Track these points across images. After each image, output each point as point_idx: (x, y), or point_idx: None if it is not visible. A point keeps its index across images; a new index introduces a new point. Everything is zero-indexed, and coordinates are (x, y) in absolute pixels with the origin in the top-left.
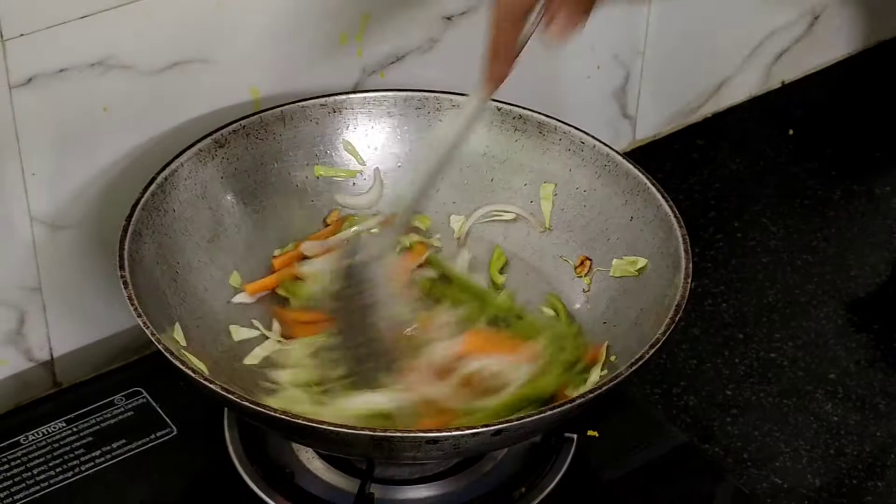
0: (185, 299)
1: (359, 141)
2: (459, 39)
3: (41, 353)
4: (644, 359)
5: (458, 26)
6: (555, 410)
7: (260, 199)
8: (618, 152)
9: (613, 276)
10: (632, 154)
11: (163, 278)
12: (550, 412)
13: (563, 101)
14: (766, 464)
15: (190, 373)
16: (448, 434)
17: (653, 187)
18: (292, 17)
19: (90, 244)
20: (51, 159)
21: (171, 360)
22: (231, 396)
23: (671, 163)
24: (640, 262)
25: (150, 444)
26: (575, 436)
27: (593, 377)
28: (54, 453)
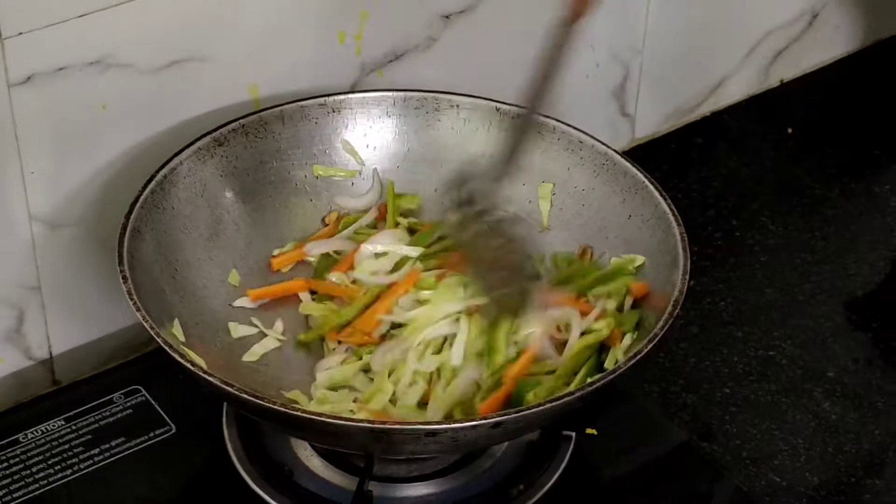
0: (183, 296)
1: (357, 140)
2: (458, 38)
3: (40, 352)
4: (642, 353)
5: (456, 25)
6: (554, 403)
7: (259, 198)
8: (616, 151)
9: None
10: (631, 153)
11: (162, 275)
12: (549, 405)
13: (561, 100)
14: (765, 462)
15: (189, 366)
16: (447, 426)
17: (651, 186)
18: (291, 15)
19: (89, 243)
20: (50, 158)
21: (169, 353)
22: (230, 389)
23: (670, 161)
24: (639, 259)
25: (148, 443)
26: (573, 433)
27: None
28: (53, 451)
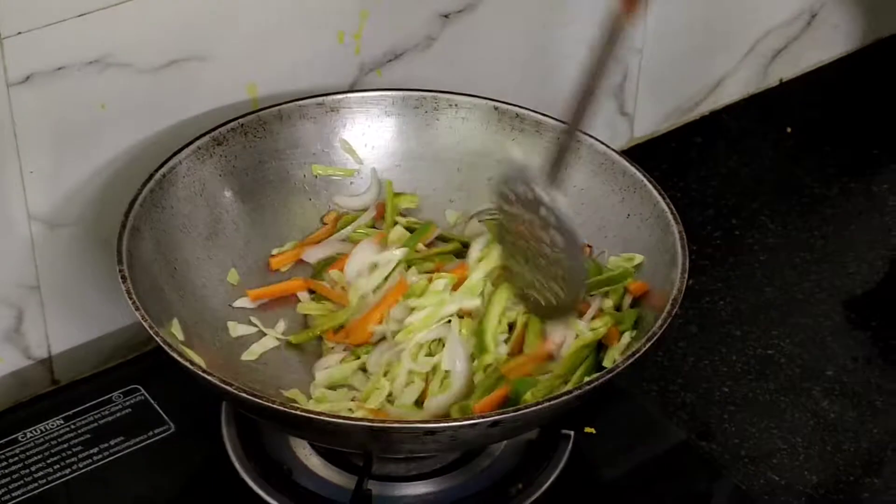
0: (183, 296)
1: (356, 140)
2: (457, 37)
3: (39, 351)
4: (641, 352)
5: (455, 24)
6: (552, 402)
7: (258, 197)
8: (614, 150)
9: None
10: (630, 152)
11: (161, 274)
12: (548, 403)
13: (560, 100)
14: (764, 460)
15: (188, 365)
16: (446, 425)
17: (649, 185)
18: (290, 15)
19: (88, 242)
20: (49, 157)
21: (168, 352)
22: (229, 388)
23: (669, 161)
24: (637, 258)
25: (147, 442)
26: (572, 432)
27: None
28: (52, 450)
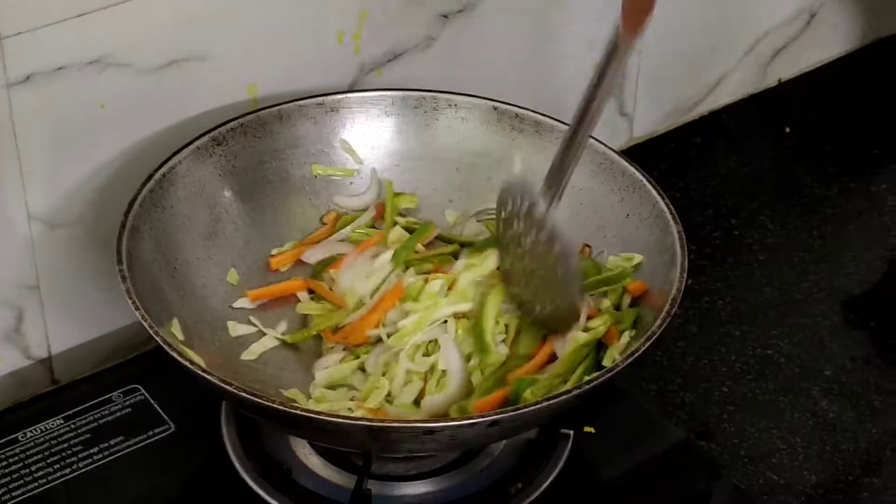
0: (182, 295)
1: (356, 140)
2: (456, 37)
3: (39, 351)
4: (640, 351)
5: (455, 24)
6: (551, 402)
7: (258, 197)
8: (614, 150)
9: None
10: (629, 152)
11: (160, 274)
12: (547, 403)
13: (560, 100)
14: (763, 460)
15: (188, 365)
16: (445, 425)
17: (648, 185)
18: (290, 14)
19: (88, 242)
20: (48, 157)
21: (168, 352)
22: (229, 388)
23: (668, 161)
24: (636, 258)
25: (147, 441)
26: (571, 432)
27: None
28: (52, 450)
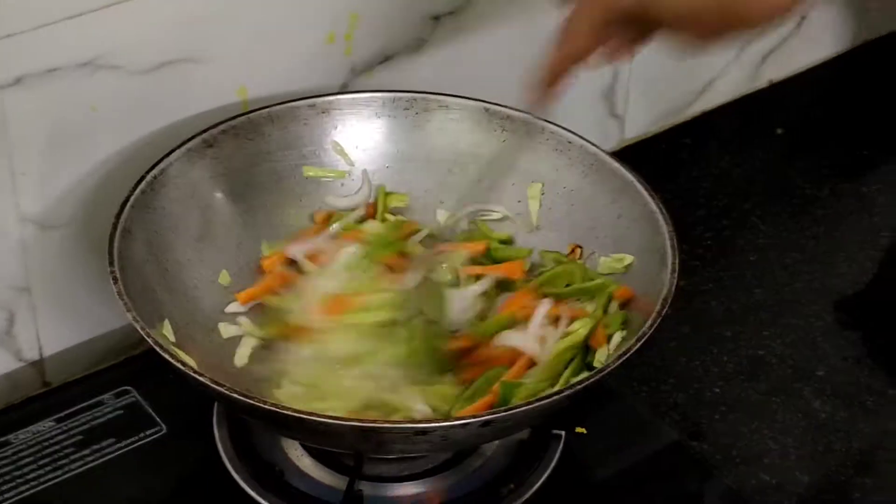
0: (174, 297)
1: (347, 141)
2: (448, 39)
3: (31, 353)
4: (631, 351)
5: (446, 26)
6: (543, 402)
7: (249, 199)
8: (605, 151)
9: (601, 274)
10: (620, 153)
11: (152, 276)
12: (538, 403)
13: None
14: (755, 461)
15: (179, 366)
16: (437, 425)
17: (639, 185)
18: (281, 16)
19: (80, 244)
20: (40, 159)
21: (160, 353)
22: (220, 389)
23: (660, 162)
24: (627, 258)
25: (139, 443)
26: (563, 433)
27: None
28: (44, 452)
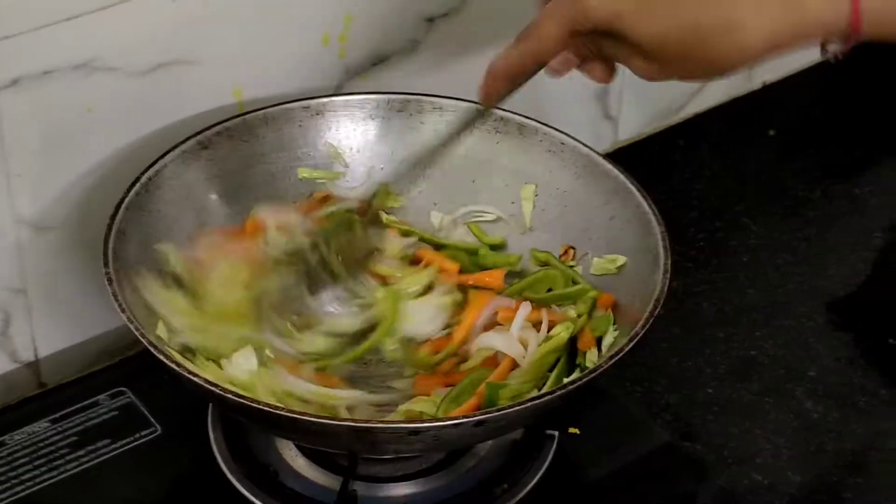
0: None
1: (341, 143)
2: (441, 41)
3: (26, 354)
4: (623, 352)
5: (439, 28)
6: (536, 401)
7: (244, 201)
8: (597, 153)
9: (594, 275)
10: (614, 155)
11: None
12: (531, 403)
13: (545, 103)
14: (747, 461)
15: (173, 366)
16: (430, 425)
17: (632, 186)
18: (275, 18)
19: (75, 245)
20: (35, 161)
21: (154, 353)
22: (215, 389)
23: (653, 163)
24: (620, 259)
25: (134, 444)
26: (556, 433)
27: (589, 360)
28: (39, 453)
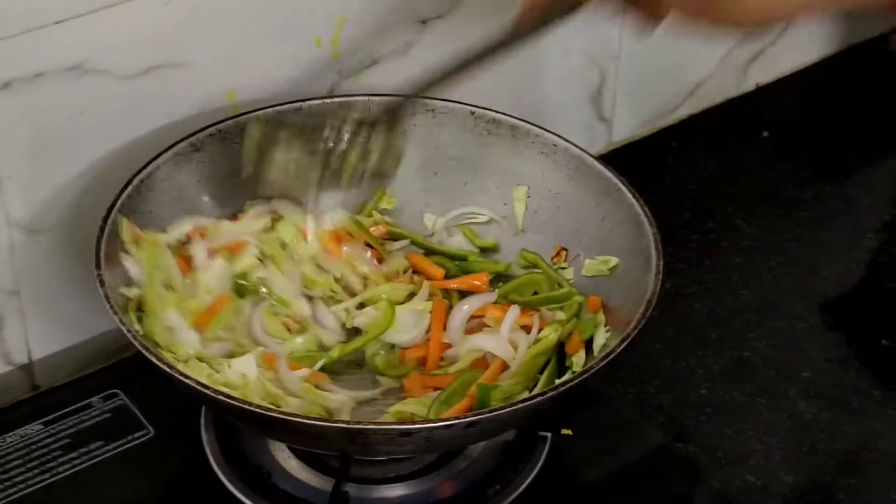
0: None
1: None
2: (435, 43)
3: (20, 357)
4: (615, 353)
5: (433, 30)
6: (527, 403)
7: (236, 202)
8: (590, 154)
9: (586, 276)
10: (608, 157)
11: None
12: (522, 404)
13: (539, 105)
14: (740, 462)
15: (165, 367)
16: (421, 426)
17: (624, 188)
18: (268, 20)
19: (67, 248)
20: (27, 163)
21: (146, 355)
22: (206, 391)
23: (646, 165)
24: (612, 261)
25: (127, 446)
26: (549, 434)
27: (577, 362)
28: (32, 455)
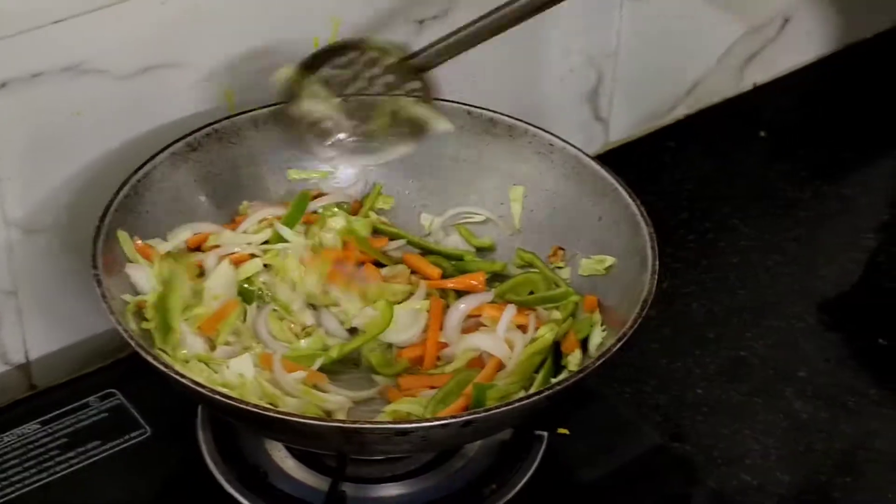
0: None
1: None
2: None
3: (17, 356)
4: (611, 352)
5: (430, 30)
6: (523, 402)
7: (233, 203)
8: (586, 154)
9: (582, 276)
10: (605, 156)
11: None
12: (518, 403)
13: (536, 104)
14: (737, 462)
15: (161, 367)
16: (417, 426)
17: (620, 188)
18: (265, 21)
19: (64, 248)
20: (24, 164)
21: (143, 355)
22: (203, 391)
23: (643, 165)
24: (609, 260)
25: (124, 445)
26: (545, 433)
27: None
28: (29, 455)
